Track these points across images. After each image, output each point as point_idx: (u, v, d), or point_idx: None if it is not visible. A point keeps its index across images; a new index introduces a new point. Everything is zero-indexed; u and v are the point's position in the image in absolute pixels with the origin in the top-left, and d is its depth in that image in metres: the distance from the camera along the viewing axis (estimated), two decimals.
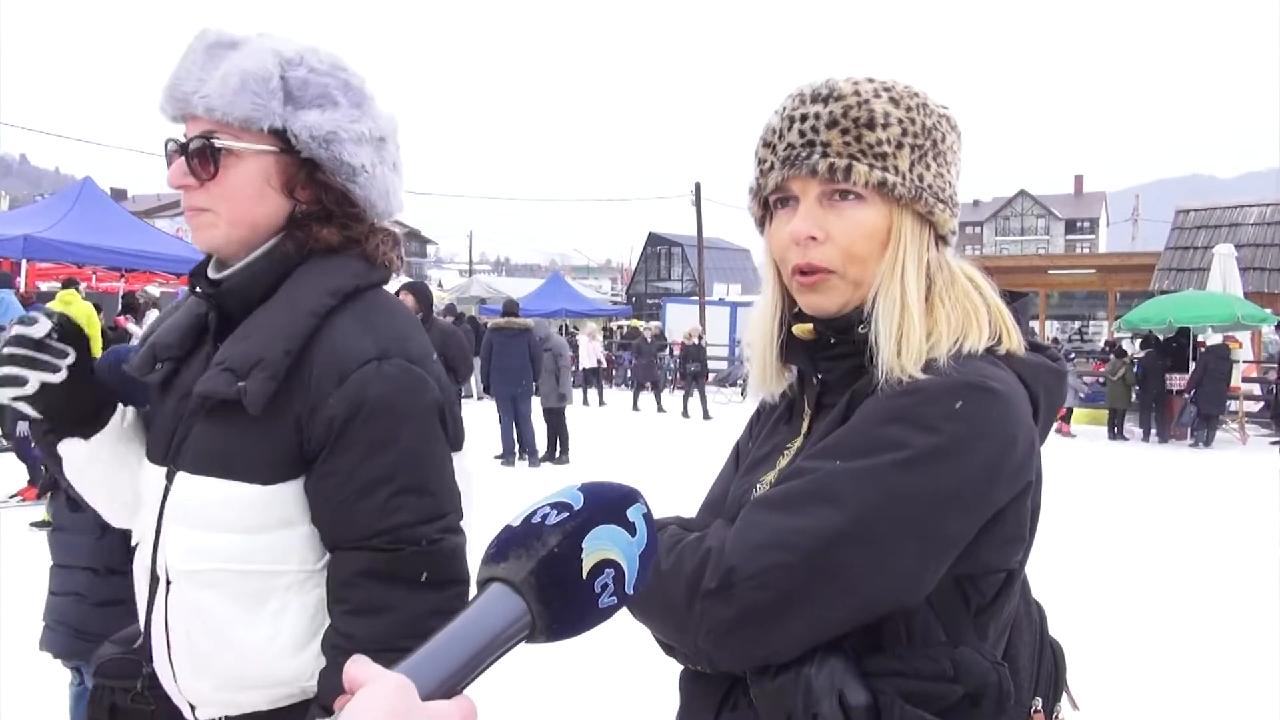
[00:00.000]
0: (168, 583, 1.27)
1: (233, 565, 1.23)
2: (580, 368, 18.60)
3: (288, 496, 1.23)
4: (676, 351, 23.23)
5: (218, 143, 1.23)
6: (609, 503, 0.66)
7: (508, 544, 0.64)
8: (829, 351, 1.13)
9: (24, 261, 11.86)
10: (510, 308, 11.09)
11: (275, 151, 1.26)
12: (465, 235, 58.80)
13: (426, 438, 1.26)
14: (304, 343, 1.22)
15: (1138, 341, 16.20)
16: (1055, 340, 26.32)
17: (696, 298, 29.07)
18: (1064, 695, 1.19)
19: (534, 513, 0.65)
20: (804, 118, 1.08)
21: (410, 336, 1.30)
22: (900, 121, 1.08)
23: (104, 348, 1.53)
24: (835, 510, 0.97)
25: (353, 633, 1.21)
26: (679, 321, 27.47)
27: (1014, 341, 1.09)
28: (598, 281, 65.67)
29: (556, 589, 0.63)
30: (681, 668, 1.15)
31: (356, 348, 1.24)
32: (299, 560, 1.25)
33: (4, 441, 8.88)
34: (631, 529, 0.66)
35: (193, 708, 1.31)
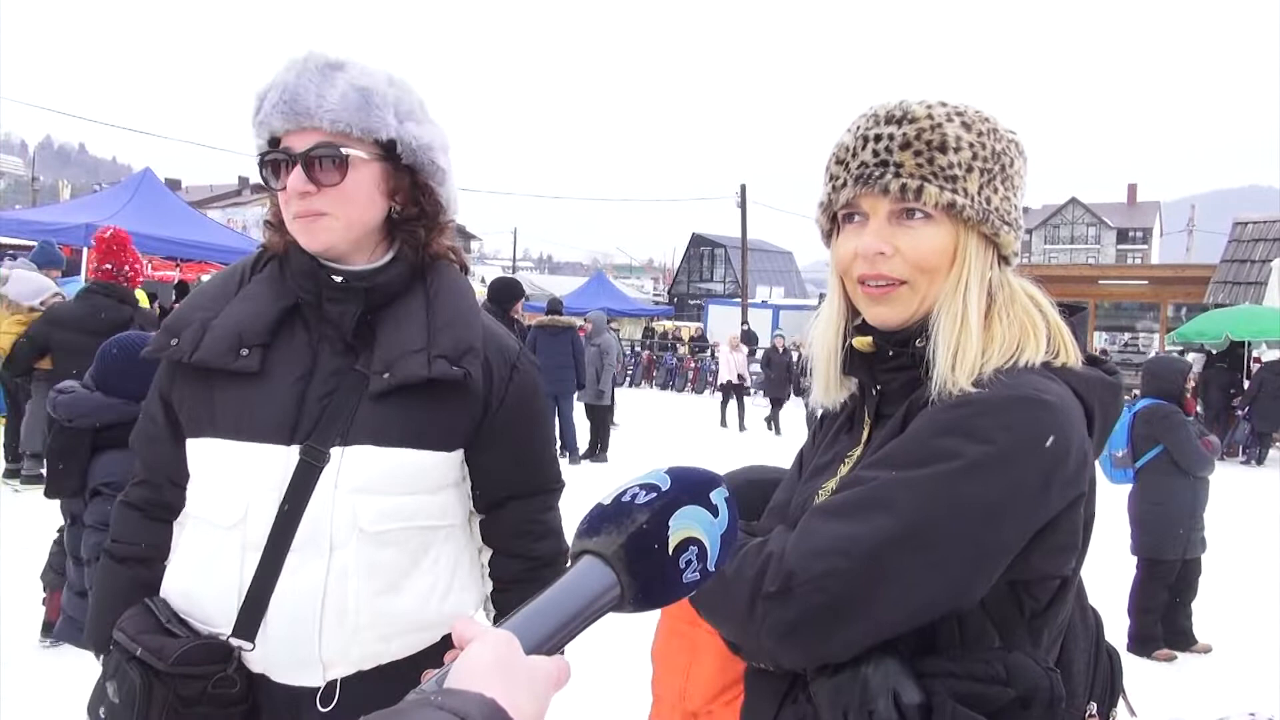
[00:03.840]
0: (331, 548, 1.36)
1: (418, 522, 1.43)
2: (719, 383, 16.66)
3: (457, 461, 1.49)
4: (718, 354, 23.21)
5: (345, 150, 1.37)
6: (694, 485, 0.70)
7: (599, 520, 0.68)
8: (888, 364, 1.16)
9: (85, 249, 12.18)
10: (554, 306, 11.18)
11: (382, 159, 1.42)
12: (509, 232, 59.32)
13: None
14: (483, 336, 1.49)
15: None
16: (1104, 351, 25.86)
17: (739, 299, 29.02)
18: (1121, 701, 1.20)
19: (624, 492, 0.70)
20: (878, 138, 1.11)
21: None
22: (971, 145, 1.10)
23: None
24: (890, 518, 1.01)
25: (542, 553, 1.57)
26: (721, 323, 27.46)
27: (1071, 356, 1.11)
28: (639, 281, 65.70)
29: (644, 562, 0.67)
30: (745, 665, 1.19)
31: (508, 343, 1.55)
32: (454, 515, 1.51)
33: None
34: (714, 511, 0.70)
35: (324, 667, 1.38)
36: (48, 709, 3.43)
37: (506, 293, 8.27)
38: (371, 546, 1.38)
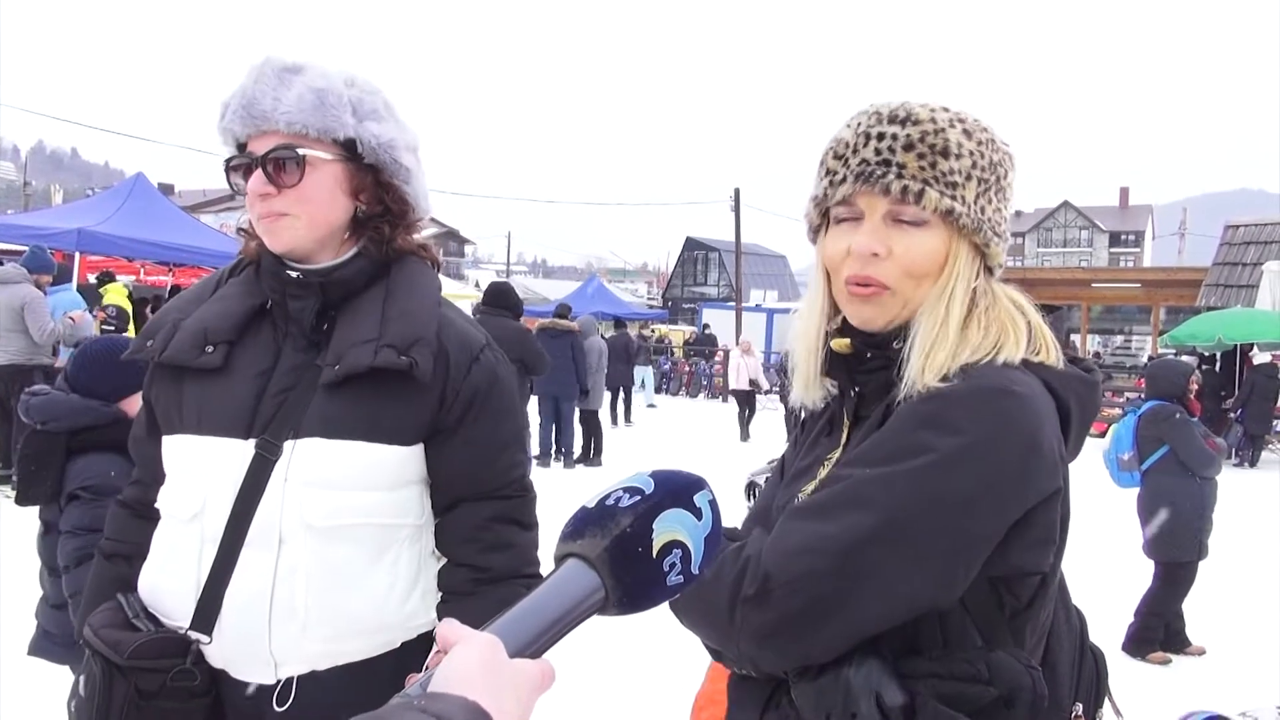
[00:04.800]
0: (280, 542, 1.36)
1: (373, 519, 1.40)
2: (729, 389, 15.53)
3: (417, 457, 1.44)
4: (716, 358, 23.16)
5: (301, 151, 1.38)
6: (678, 488, 0.70)
7: (584, 523, 0.68)
8: (866, 365, 1.16)
9: (77, 254, 12.14)
10: (562, 311, 11.25)
11: (344, 159, 1.43)
12: (503, 236, 59.22)
13: (521, 409, 1.57)
14: (439, 327, 1.45)
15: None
16: (1097, 354, 25.91)
17: (733, 303, 29.02)
18: (1106, 701, 1.20)
19: (608, 496, 0.70)
20: (880, 136, 1.11)
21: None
22: (971, 154, 1.11)
23: None
24: (866, 514, 1.01)
25: (490, 565, 1.46)
26: (715, 327, 27.45)
27: (1052, 355, 1.12)
28: (634, 285, 65.71)
29: (628, 566, 0.67)
30: (730, 672, 1.19)
31: (473, 334, 1.51)
32: (415, 515, 1.46)
33: None
34: (698, 513, 0.70)
35: (276, 664, 1.37)
36: (46, 711, 3.42)
37: (505, 297, 8.26)
38: (322, 542, 1.36)
